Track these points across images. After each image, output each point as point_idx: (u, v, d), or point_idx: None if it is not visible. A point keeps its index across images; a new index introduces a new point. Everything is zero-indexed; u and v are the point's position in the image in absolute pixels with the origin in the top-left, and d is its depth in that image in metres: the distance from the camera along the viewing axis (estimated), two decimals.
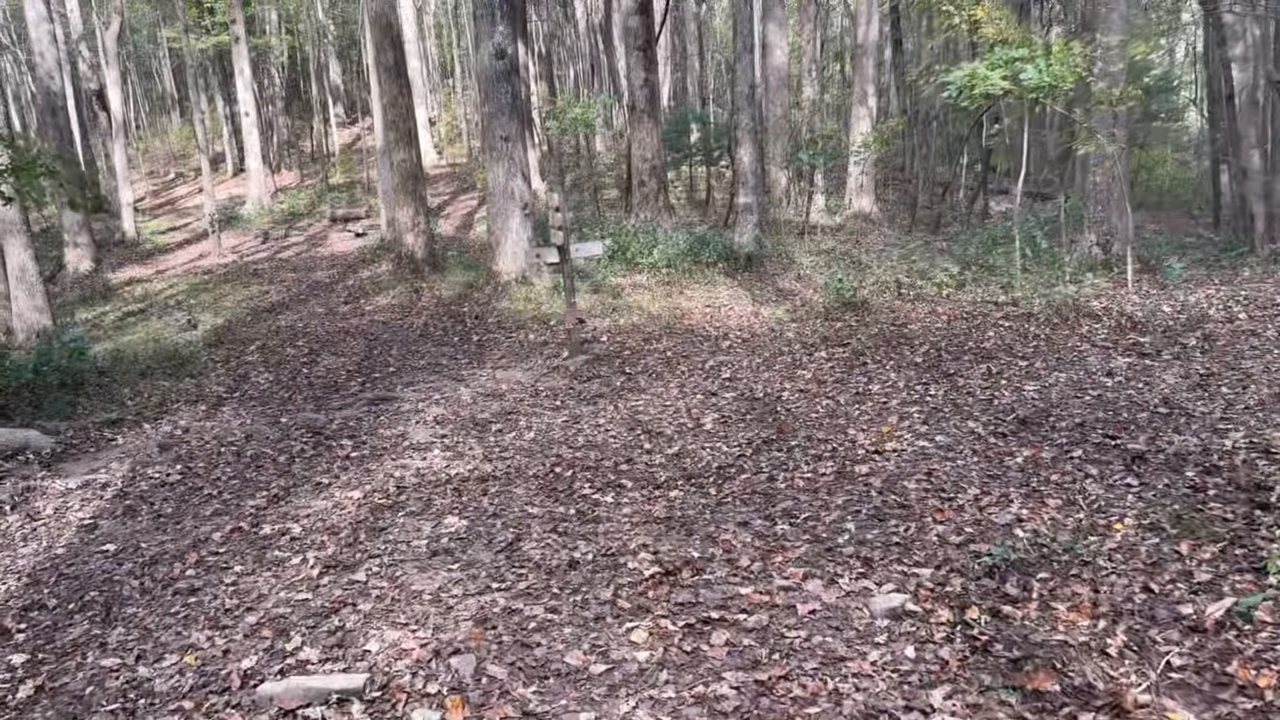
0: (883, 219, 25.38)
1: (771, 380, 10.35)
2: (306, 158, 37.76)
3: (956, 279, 14.17)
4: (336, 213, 28.45)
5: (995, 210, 27.73)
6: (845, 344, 11.64)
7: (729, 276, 17.59)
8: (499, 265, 17.19)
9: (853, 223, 24.16)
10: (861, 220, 24.58)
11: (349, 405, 10.84)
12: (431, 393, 11.17)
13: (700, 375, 10.92)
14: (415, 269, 19.21)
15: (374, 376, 12.26)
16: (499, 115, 17.00)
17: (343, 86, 43.88)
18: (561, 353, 12.43)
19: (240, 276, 21.50)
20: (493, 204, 17.29)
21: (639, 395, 10.30)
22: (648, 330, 13.70)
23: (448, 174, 33.93)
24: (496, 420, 9.77)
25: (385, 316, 16.21)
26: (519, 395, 10.79)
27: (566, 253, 11.82)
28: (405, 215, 19.32)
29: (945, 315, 12.73)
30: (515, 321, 14.89)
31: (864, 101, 25.06)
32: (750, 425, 8.75)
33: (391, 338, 14.56)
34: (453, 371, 12.28)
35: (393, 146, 19.44)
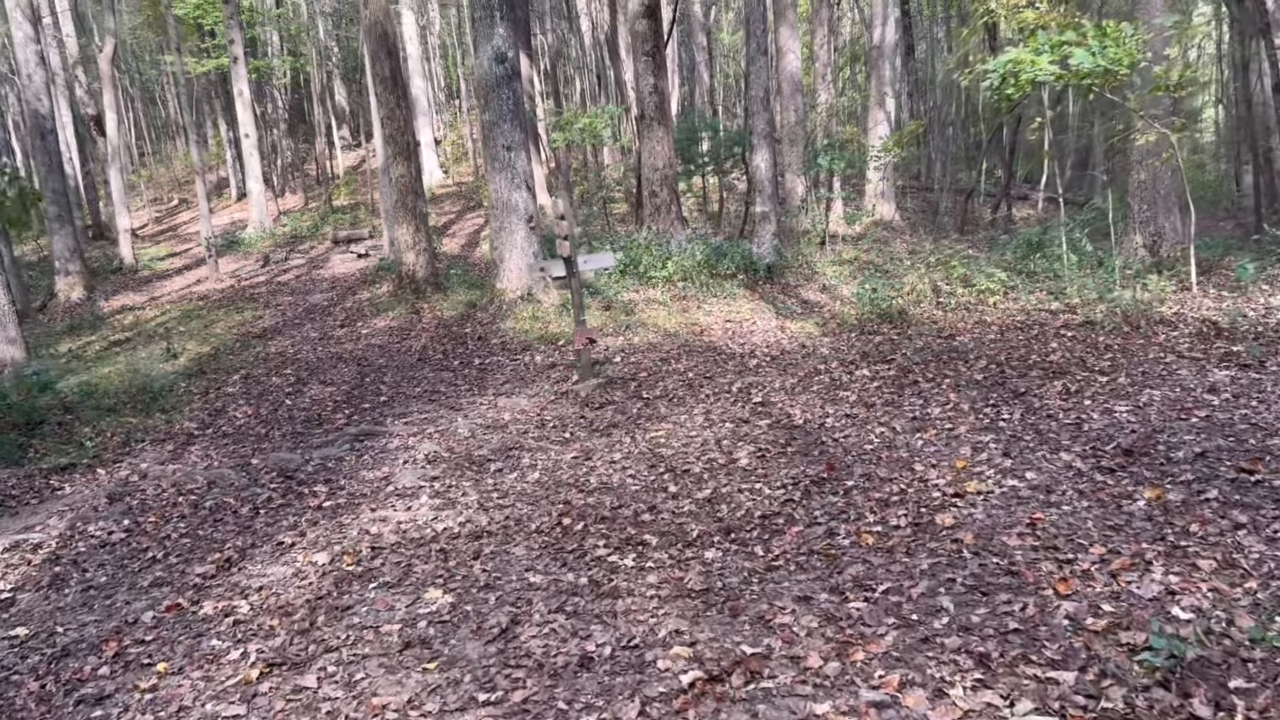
0: (904, 226, 23.87)
1: (811, 404, 8.85)
2: (311, 181, 36.43)
3: (1004, 284, 12.65)
4: (339, 234, 27.06)
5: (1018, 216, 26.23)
6: (889, 360, 10.12)
7: (748, 289, 16.10)
8: (502, 283, 15.74)
9: (873, 231, 22.65)
10: (883, 228, 23.07)
11: (331, 442, 9.37)
12: (425, 425, 9.70)
13: (728, 399, 9.42)
14: (416, 289, 17.76)
15: (363, 407, 10.80)
16: (500, 123, 15.57)
17: (348, 109, 42.61)
18: (570, 376, 10.95)
19: (234, 301, 20.08)
20: (495, 218, 15.85)
21: (659, 424, 8.80)
22: (665, 349, 12.21)
23: (453, 193, 32.56)
24: (496, 457, 8.28)
25: (382, 340, 14.76)
26: (523, 426, 9.30)
27: (574, 265, 10.36)
28: (405, 233, 17.89)
29: (996, 325, 11.22)
30: (520, 342, 13.42)
31: (882, 105, 23.59)
32: (793, 460, 7.24)
33: (386, 363, 13.10)
34: (450, 400, 10.81)
35: (390, 161, 18.04)
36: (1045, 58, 11.55)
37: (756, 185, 18.79)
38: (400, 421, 9.98)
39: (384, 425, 9.88)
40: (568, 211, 10.39)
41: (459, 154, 36.56)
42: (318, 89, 35.52)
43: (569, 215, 10.40)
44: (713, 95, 30.38)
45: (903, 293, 13.05)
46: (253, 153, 28.93)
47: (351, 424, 10.12)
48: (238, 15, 28.36)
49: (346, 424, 10.14)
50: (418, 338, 14.57)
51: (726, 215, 25.40)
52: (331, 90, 39.86)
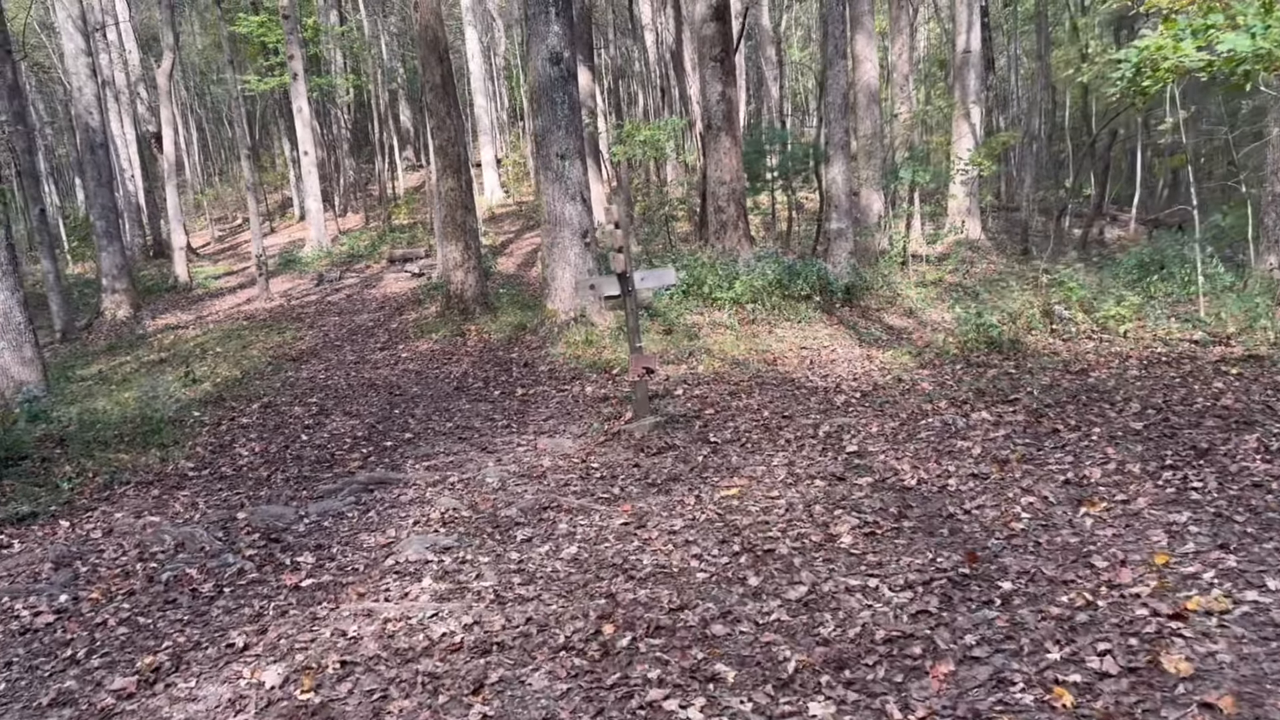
0: (990, 246, 21.71)
1: (922, 457, 6.87)
2: (373, 201, 35.11)
3: (1135, 309, 10.52)
4: (395, 253, 25.56)
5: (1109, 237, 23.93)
6: (1011, 400, 8.10)
7: (824, 312, 14.11)
8: (554, 303, 13.94)
9: (957, 250, 20.51)
10: (967, 247, 20.92)
11: (336, 491, 7.57)
12: (449, 471, 7.88)
13: (814, 447, 7.47)
14: (464, 309, 16.05)
15: (384, 446, 9.02)
16: (554, 129, 13.81)
17: (413, 130, 41.37)
18: (624, 412, 9.08)
19: (279, 321, 18.54)
20: (547, 233, 14.08)
21: (731, 479, 6.87)
22: (734, 380, 10.29)
23: (513, 212, 30.98)
24: (526, 519, 6.41)
25: (420, 365, 13.01)
26: (564, 476, 7.43)
27: (630, 283, 8.50)
28: (453, 251, 16.20)
29: (1134, 358, 9.14)
30: (570, 370, 11.58)
31: (967, 117, 21.50)
32: (914, 541, 5.28)
33: (420, 392, 11.33)
34: (484, 438, 8.98)
35: (440, 175, 16.38)
36: (1189, 43, 9.49)
37: (832, 200, 16.83)
38: (422, 465, 8.17)
39: (402, 470, 8.07)
40: (622, 218, 8.54)
41: (520, 174, 35.04)
42: (380, 109, 34.22)
43: (624, 225, 8.55)
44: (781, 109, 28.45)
45: (1012, 318, 10.97)
46: (311, 170, 27.57)
47: (366, 466, 8.33)
48: (298, 31, 27.09)
49: (361, 466, 8.35)
50: (459, 363, 12.80)
51: (795, 234, 23.42)
52: (396, 111, 38.62)
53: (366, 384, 12.09)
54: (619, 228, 8.45)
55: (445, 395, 11.04)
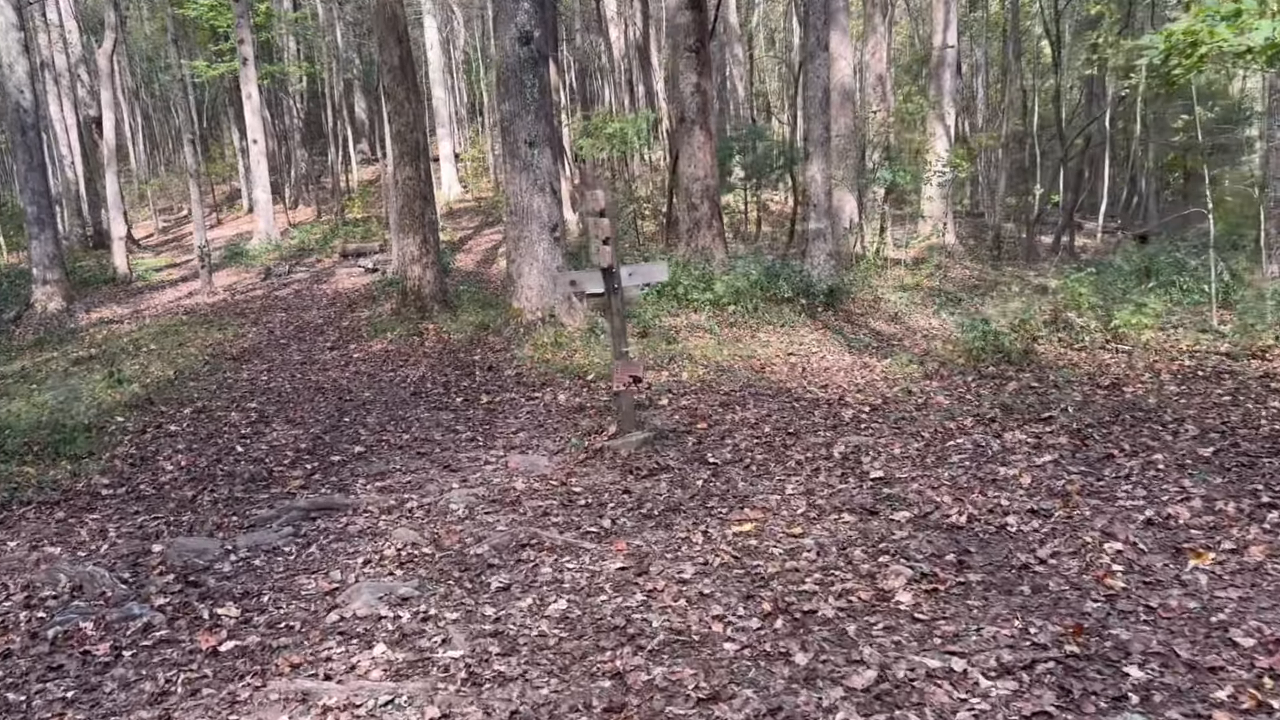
0: (963, 251, 20.85)
1: (963, 486, 5.81)
2: (325, 194, 33.57)
3: (1156, 317, 9.58)
4: (348, 247, 24.15)
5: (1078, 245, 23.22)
6: (1044, 418, 7.08)
7: (808, 316, 13.07)
8: (519, 301, 12.75)
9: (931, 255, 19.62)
10: (940, 252, 20.03)
11: (272, 519, 6.34)
12: (406, 494, 6.69)
13: (831, 471, 6.40)
14: (421, 307, 14.80)
15: (330, 461, 7.79)
16: (522, 114, 12.62)
17: (368, 122, 39.83)
18: (605, 426, 7.93)
19: (221, 317, 17.13)
20: (513, 225, 12.89)
21: (741, 510, 5.77)
22: (723, 389, 9.20)
23: (472, 208, 29.65)
24: (501, 560, 5.25)
25: (373, 366, 11.76)
26: (541, 502, 6.27)
27: (616, 279, 7.36)
28: (410, 244, 14.95)
29: (1166, 371, 8.18)
30: (539, 375, 10.41)
31: (941, 119, 20.61)
32: (990, 602, 4.21)
33: (373, 398, 10.10)
34: (446, 454, 7.80)
35: (397, 163, 15.12)
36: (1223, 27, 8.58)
37: (811, 199, 15.80)
38: (374, 486, 6.97)
39: (350, 492, 6.87)
40: (610, 208, 7.40)
41: (479, 169, 33.74)
42: (335, 99, 32.72)
43: (610, 211, 7.41)
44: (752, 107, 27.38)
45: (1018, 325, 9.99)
46: (260, 160, 26.05)
47: (309, 486, 7.11)
48: (248, 15, 25.57)
49: (303, 486, 7.12)
50: (416, 365, 11.57)
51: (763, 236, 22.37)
52: (350, 102, 37.10)
53: (313, 387, 10.83)
54: (605, 216, 7.31)
55: (401, 402, 9.82)
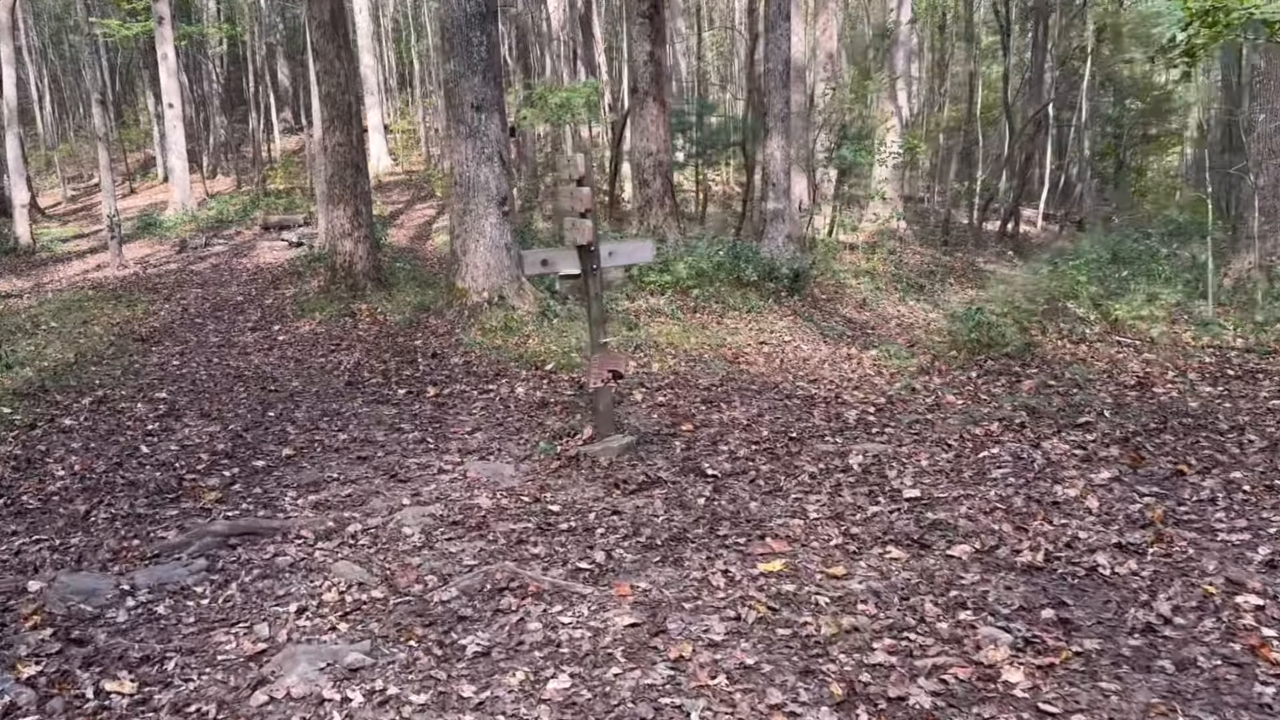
0: (912, 236, 20.06)
1: (1021, 511, 4.82)
2: (246, 163, 31.63)
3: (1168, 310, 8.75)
4: (270, 219, 22.52)
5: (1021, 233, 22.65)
6: (1081, 424, 6.15)
7: (774, 301, 12.07)
8: (464, 281, 11.50)
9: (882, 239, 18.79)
10: (890, 237, 19.22)
11: (184, 546, 5.08)
12: (347, 512, 5.49)
13: (855, 487, 5.37)
14: (352, 285, 13.45)
15: (253, 466, 6.53)
16: (468, 75, 11.35)
17: (291, 90, 37.78)
18: (574, 425, 6.80)
19: (131, 292, 15.53)
20: (458, 198, 11.63)
21: (760, 540, 4.71)
22: (701, 383, 8.15)
23: (403, 181, 28.07)
24: (475, 611, 4.11)
25: (301, 351, 10.45)
26: (513, 524, 5.14)
27: (596, 258, 6.22)
28: (341, 217, 13.56)
29: (1191, 370, 7.32)
30: (491, 364, 9.23)
31: (894, 98, 19.75)
32: (1130, 685, 3.21)
33: (303, 387, 8.82)
34: (391, 457, 6.60)
35: (326, 127, 13.71)
36: None
37: (770, 177, 14.80)
38: (307, 501, 5.75)
39: (279, 508, 5.65)
40: (587, 171, 6.24)
41: (410, 141, 32.11)
42: (256, 63, 30.81)
43: (589, 177, 6.26)
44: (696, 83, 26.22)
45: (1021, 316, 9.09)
46: (176, 125, 24.20)
47: (229, 499, 5.85)
48: None
49: (220, 499, 5.86)
50: (349, 350, 10.29)
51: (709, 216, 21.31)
52: (273, 67, 35.09)
53: (233, 374, 9.50)
54: (583, 185, 6.16)
55: (335, 393, 8.56)
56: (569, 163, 6.22)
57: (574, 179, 6.21)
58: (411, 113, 35.25)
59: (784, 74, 14.74)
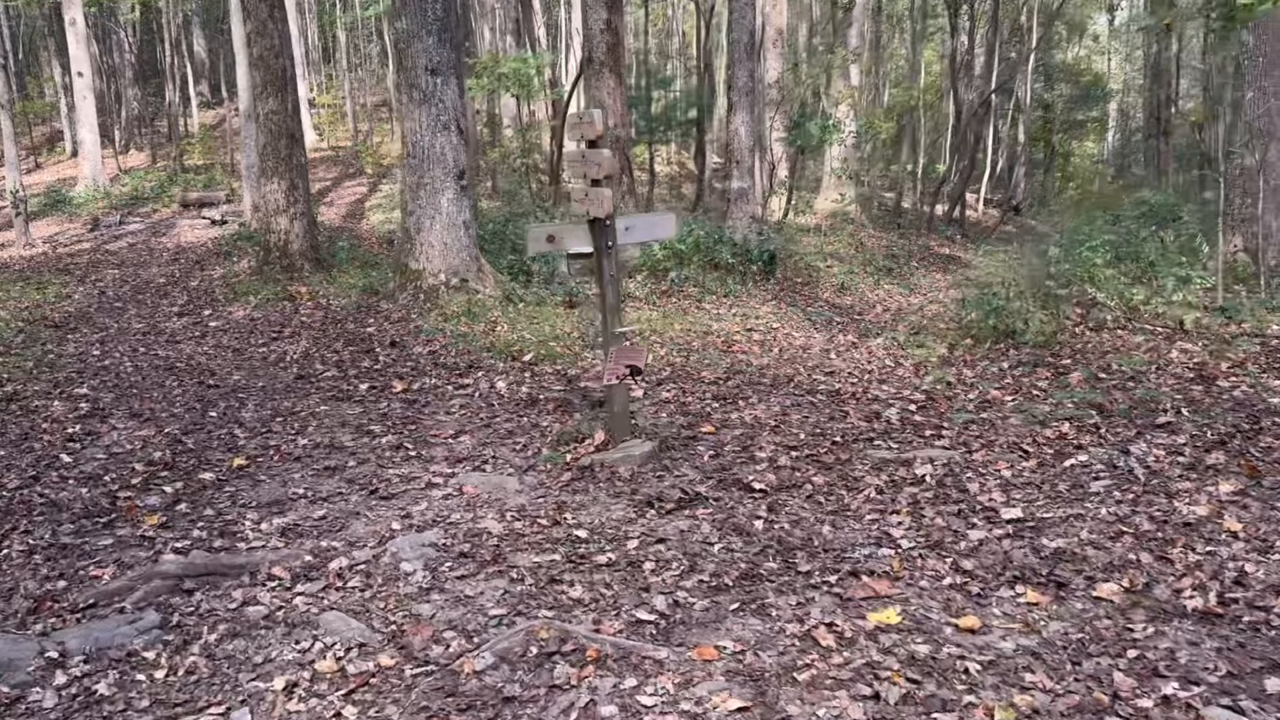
0: (864, 219, 19.37)
1: (1152, 535, 3.99)
2: (161, 138, 29.67)
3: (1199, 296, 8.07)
4: (190, 196, 20.90)
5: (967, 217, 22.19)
6: (1162, 425, 5.36)
7: (751, 285, 11.20)
8: (419, 262, 10.38)
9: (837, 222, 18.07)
10: (841, 218, 18.51)
11: (125, 592, 3.95)
12: (326, 542, 4.43)
13: (936, 504, 4.49)
14: (289, 266, 12.21)
15: (200, 480, 5.39)
16: (422, 35, 10.20)
17: (208, 63, 35.70)
18: (584, 427, 5.81)
19: (40, 274, 13.98)
20: (411, 171, 10.48)
21: (852, 575, 3.80)
22: (705, 376, 7.23)
23: (330, 158, 26.50)
24: (524, 688, 3.11)
25: (239, 339, 9.24)
26: (537, 557, 4.14)
27: (611, 234, 5.23)
28: (276, 191, 12.30)
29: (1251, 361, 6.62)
30: (461, 354, 8.17)
31: (847, 77, 18.99)
32: None
33: (246, 381, 7.65)
34: (366, 467, 5.53)
35: (260, 92, 12.40)
36: None
37: (734, 155, 13.92)
38: (273, 526, 4.66)
39: (238, 536, 4.55)
40: (606, 135, 5.24)
41: (336, 116, 30.47)
42: (172, 33, 28.86)
43: (606, 144, 5.25)
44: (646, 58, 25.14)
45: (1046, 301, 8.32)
46: (86, 96, 22.33)
47: (174, 524, 4.73)
48: None
49: (164, 524, 4.73)
50: (294, 338, 9.11)
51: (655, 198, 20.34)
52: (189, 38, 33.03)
53: (163, 366, 8.26)
54: (597, 146, 5.17)
55: (285, 388, 7.41)
56: (581, 120, 5.21)
57: (589, 139, 5.20)
58: (336, 87, 33.56)
59: (749, 45, 13.86)
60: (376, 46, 36.30)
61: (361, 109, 31.06)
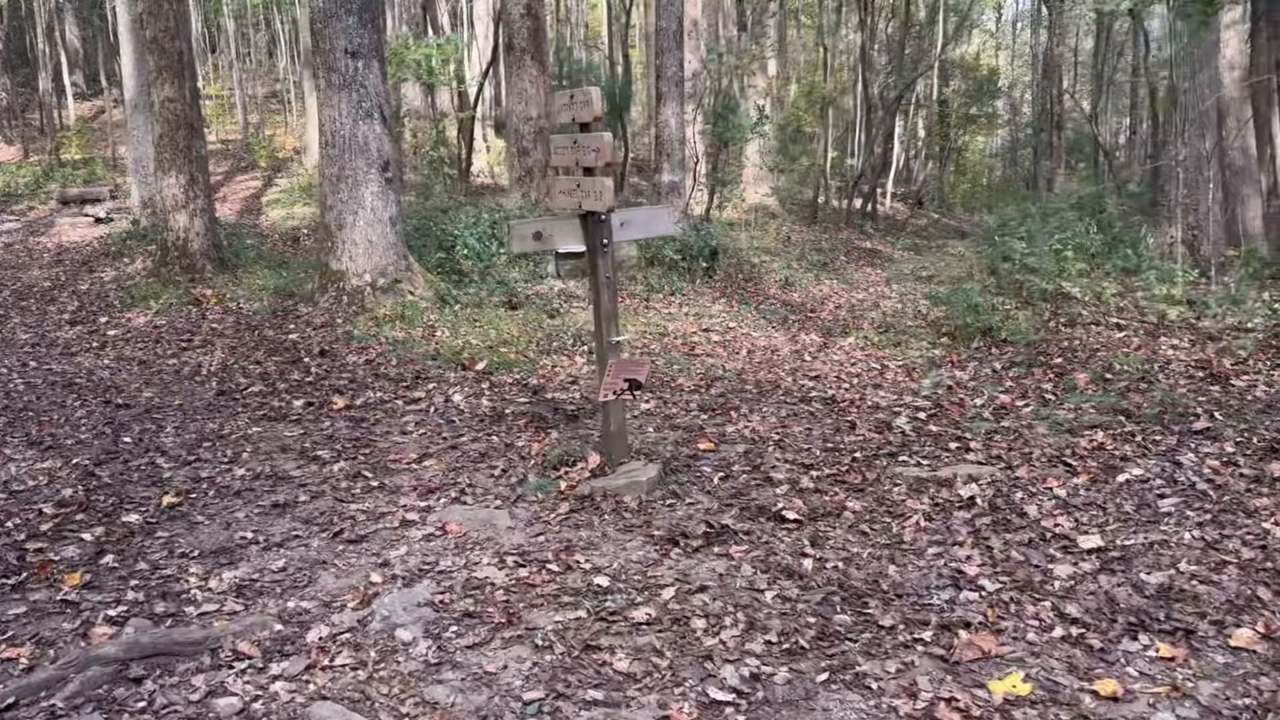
0: (783, 213, 19.01)
1: (1266, 568, 3.51)
2: (34, 130, 27.55)
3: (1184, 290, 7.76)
4: (69, 192, 19.28)
5: None
6: (1201, 431, 4.95)
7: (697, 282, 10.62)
8: (341, 261, 9.46)
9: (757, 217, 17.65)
10: (761, 213, 18.11)
11: (56, 684, 3.08)
12: (294, 602, 3.63)
13: (1003, 533, 3.94)
14: (189, 266, 11.13)
15: (126, 523, 4.50)
16: (340, 14, 9.28)
17: (83, 52, 33.43)
18: (568, 447, 5.10)
19: None
20: (330, 162, 9.55)
21: (936, 624, 3.22)
22: (681, 384, 6.58)
23: (219, 151, 24.92)
24: None
25: (143, 350, 8.21)
26: (557, 614, 3.45)
27: (607, 230, 4.55)
28: (174, 186, 11.19)
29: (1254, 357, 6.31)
30: (403, 363, 7.35)
31: (764, 70, 18.59)
32: None
33: (161, 399, 6.69)
34: (321, 501, 4.72)
35: (155, 79, 11.27)
36: None
37: (664, 147, 13.32)
38: (225, 583, 3.84)
39: (185, 597, 3.71)
40: (602, 118, 4.54)
41: (224, 107, 28.83)
42: (44, 19, 26.83)
43: (598, 128, 4.56)
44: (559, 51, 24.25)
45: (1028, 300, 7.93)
46: None
47: (101, 583, 3.86)
48: None
49: (89, 584, 3.86)
50: (208, 348, 8.14)
51: None
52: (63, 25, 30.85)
53: (60, 383, 7.21)
54: (590, 129, 4.48)
55: (206, 406, 6.49)
56: (573, 100, 4.51)
57: (580, 121, 4.51)
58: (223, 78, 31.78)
59: (677, 34, 13.28)
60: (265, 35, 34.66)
61: (251, 100, 29.47)
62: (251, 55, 33.89)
